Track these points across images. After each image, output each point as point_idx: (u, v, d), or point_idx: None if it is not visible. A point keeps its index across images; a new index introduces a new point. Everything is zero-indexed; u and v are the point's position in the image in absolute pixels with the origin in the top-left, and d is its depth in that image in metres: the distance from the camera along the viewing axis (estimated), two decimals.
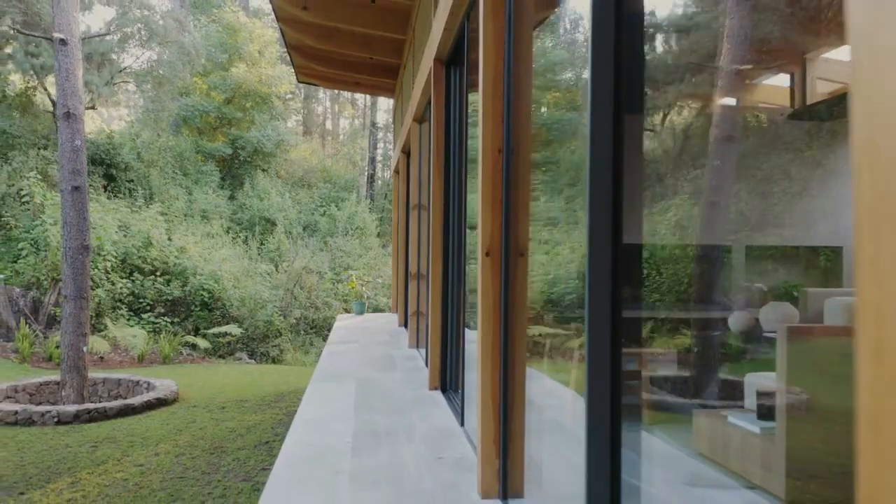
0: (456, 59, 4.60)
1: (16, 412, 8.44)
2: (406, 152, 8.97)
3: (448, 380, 4.70)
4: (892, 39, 0.59)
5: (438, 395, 4.69)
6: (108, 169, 18.75)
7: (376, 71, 9.76)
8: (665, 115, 3.53)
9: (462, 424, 3.82)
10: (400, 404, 4.37)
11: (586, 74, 1.76)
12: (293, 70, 10.91)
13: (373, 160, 33.65)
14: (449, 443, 3.47)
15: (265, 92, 25.82)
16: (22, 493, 5.98)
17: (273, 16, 9.24)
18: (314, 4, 7.59)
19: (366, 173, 33.32)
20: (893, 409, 0.59)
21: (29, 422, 8.39)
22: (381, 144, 34.98)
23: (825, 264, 2.74)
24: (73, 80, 8.70)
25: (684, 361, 2.97)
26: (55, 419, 8.41)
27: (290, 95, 30.74)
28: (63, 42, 8.56)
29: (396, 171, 10.31)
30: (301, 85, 18.85)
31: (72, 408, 8.59)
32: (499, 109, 2.72)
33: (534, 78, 2.79)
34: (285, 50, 10.77)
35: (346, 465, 3.06)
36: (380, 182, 32.18)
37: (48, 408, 8.58)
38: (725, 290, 2.80)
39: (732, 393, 2.64)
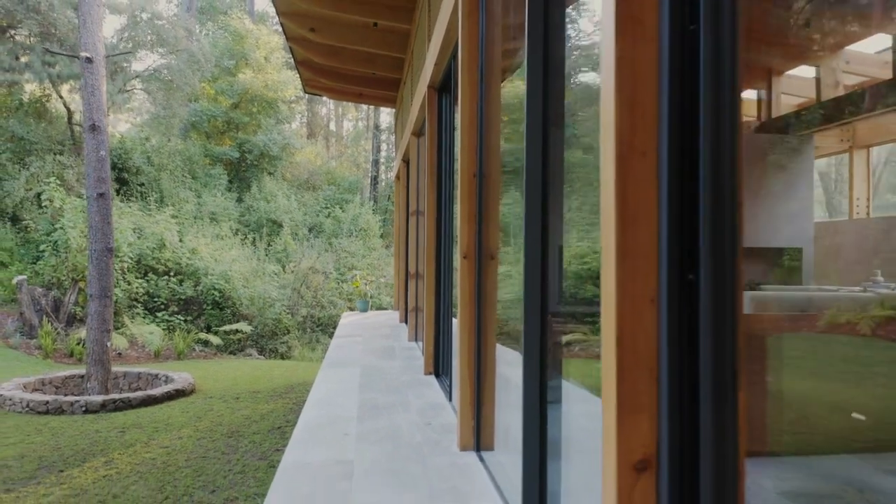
0: (446, 87, 5.30)
1: (47, 402, 9.16)
2: (406, 161, 9.67)
3: (440, 365, 5.40)
4: None
5: (432, 378, 5.40)
6: (120, 173, 19.49)
7: (379, 84, 10.46)
8: None
9: (450, 400, 4.51)
10: (398, 385, 5.07)
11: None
12: (301, 82, 11.60)
13: (376, 162, 34.32)
14: (438, 413, 4.17)
15: (271, 97, 26.55)
16: (62, 471, 6.70)
17: (280, 27, 9.92)
18: (321, 27, 8.29)
19: (369, 175, 34.01)
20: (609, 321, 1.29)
21: (59, 411, 9.11)
22: (384, 146, 35.62)
23: (788, 263, 3.35)
24: (98, 95, 9.42)
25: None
26: (83, 408, 9.13)
27: (294, 98, 31.41)
28: (89, 60, 9.28)
29: (398, 178, 11.01)
30: None
31: (98, 398, 9.31)
32: (473, 143, 3.42)
33: (502, 115, 3.49)
34: (291, 57, 11.42)
35: (352, 428, 3.77)
36: (383, 184, 32.84)
37: (76, 398, 9.30)
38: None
39: None
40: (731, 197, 1.20)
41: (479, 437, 3.33)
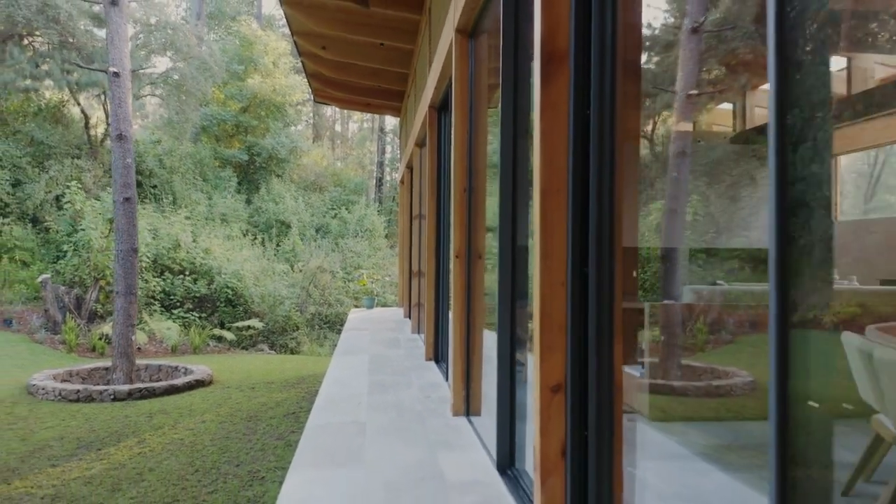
0: (445, 107, 6.02)
1: (77, 391, 9.92)
2: (410, 168, 10.39)
3: (439, 352, 6.12)
4: None
5: (432, 363, 6.12)
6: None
7: (384, 95, 11.18)
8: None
9: (447, 380, 5.23)
10: (402, 369, 5.80)
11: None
12: (311, 93, 12.33)
13: (381, 164, 35.03)
14: (435, 390, 4.89)
15: (279, 101, 27.33)
16: (99, 449, 7.45)
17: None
18: (331, 45, 9.01)
19: (374, 177, 34.74)
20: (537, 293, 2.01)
21: (89, 399, 9.86)
22: (388, 148, 36.31)
23: (755, 264, 3.96)
24: (125, 106, 10.17)
25: None
26: (111, 396, 9.88)
27: (301, 101, 32.12)
28: (116, 75, 10.03)
29: (402, 182, 11.73)
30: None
31: (125, 387, 10.06)
32: (464, 165, 4.14)
33: (489, 137, 4.21)
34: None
35: (364, 400, 4.49)
36: (387, 185, 33.55)
37: (104, 387, 10.05)
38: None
39: None
40: (609, 218, 1.92)
41: (468, 404, 4.05)
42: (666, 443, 2.50)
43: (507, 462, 3.02)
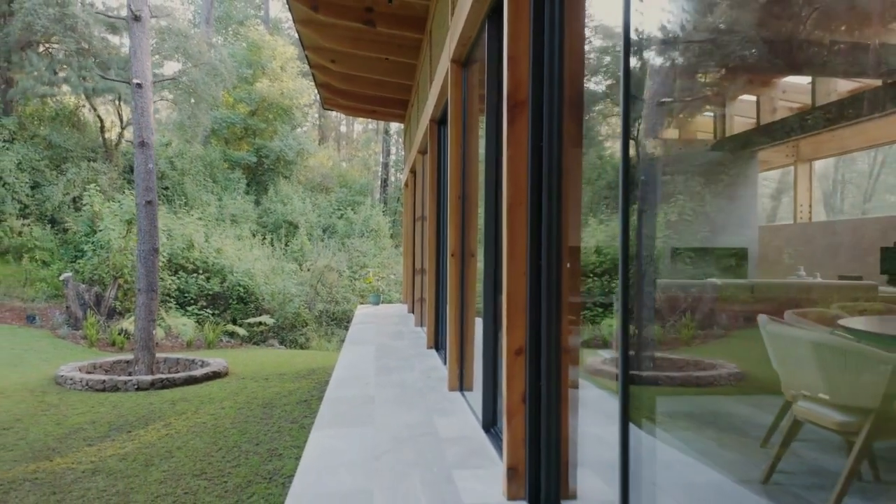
0: (444, 121, 6.68)
1: (103, 381, 10.63)
2: (413, 172, 11.07)
3: (439, 341, 6.79)
4: None
5: (433, 351, 6.79)
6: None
7: (389, 104, 11.86)
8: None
9: (445, 364, 5.90)
10: (405, 356, 6.47)
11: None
12: (320, 101, 13.02)
13: (386, 165, 35.74)
14: (435, 372, 5.57)
15: (287, 104, 28.05)
16: (129, 431, 8.15)
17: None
18: (340, 59, 9.69)
19: (379, 178, 35.44)
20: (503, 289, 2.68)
21: (114, 388, 10.57)
22: (393, 149, 37.00)
23: (735, 261, 4.53)
24: (147, 116, 10.87)
25: None
26: (135, 386, 10.59)
27: (308, 103, 32.78)
28: (139, 86, 10.73)
29: (406, 185, 12.41)
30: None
31: (147, 377, 10.77)
32: (458, 176, 4.81)
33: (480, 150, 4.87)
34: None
35: (372, 380, 5.17)
36: (392, 186, 34.22)
37: (128, 377, 10.76)
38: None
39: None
40: (557, 223, 2.58)
41: (462, 381, 4.73)
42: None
43: (491, 423, 3.69)
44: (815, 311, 3.10)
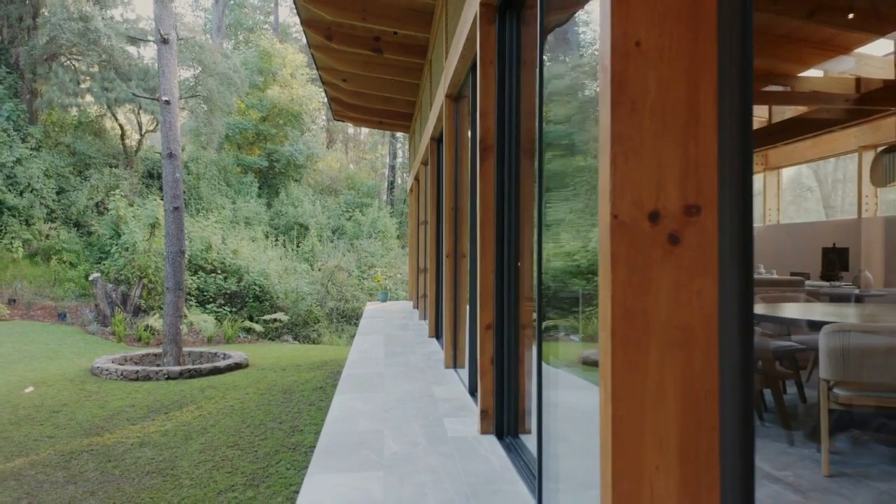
0: (442, 139, 7.68)
1: (136, 371, 11.69)
2: (417, 180, 12.08)
3: (439, 331, 7.80)
4: None
5: (433, 340, 7.80)
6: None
7: (395, 116, 12.88)
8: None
9: (442, 349, 6.90)
10: (410, 344, 7.48)
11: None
12: (331, 113, 14.03)
13: (392, 168, 36.77)
14: (434, 355, 6.58)
15: (297, 110, 29.12)
16: (166, 413, 9.19)
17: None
18: (350, 78, 10.71)
19: (386, 180, 36.47)
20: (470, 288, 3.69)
21: (147, 378, 11.62)
22: (399, 152, 38.01)
23: None
24: (174, 129, 11.92)
25: None
26: (165, 376, 11.64)
27: (317, 107, 33.81)
28: (167, 103, 11.79)
29: (411, 191, 13.43)
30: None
31: (176, 368, 11.82)
32: (452, 190, 5.81)
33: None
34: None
35: (381, 361, 6.18)
36: (399, 189, 35.24)
37: (159, 368, 11.82)
38: None
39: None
40: (516, 236, 3.58)
41: (455, 360, 5.73)
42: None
43: (475, 387, 4.69)
44: None
